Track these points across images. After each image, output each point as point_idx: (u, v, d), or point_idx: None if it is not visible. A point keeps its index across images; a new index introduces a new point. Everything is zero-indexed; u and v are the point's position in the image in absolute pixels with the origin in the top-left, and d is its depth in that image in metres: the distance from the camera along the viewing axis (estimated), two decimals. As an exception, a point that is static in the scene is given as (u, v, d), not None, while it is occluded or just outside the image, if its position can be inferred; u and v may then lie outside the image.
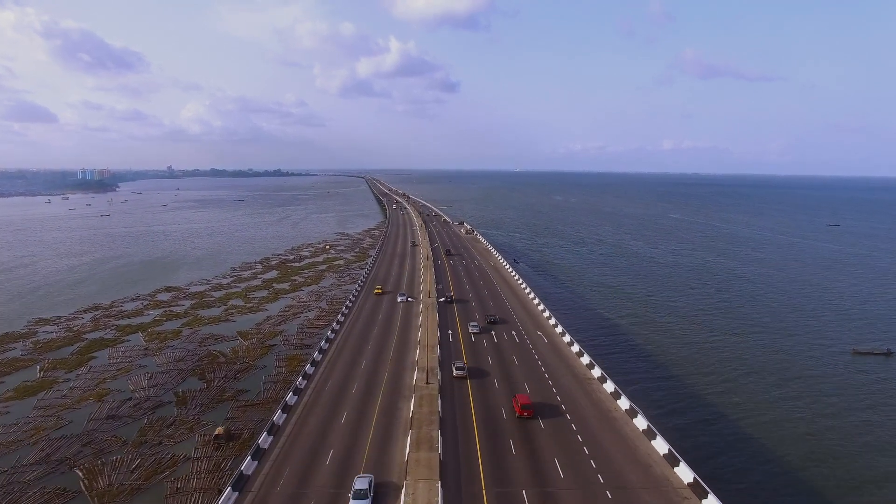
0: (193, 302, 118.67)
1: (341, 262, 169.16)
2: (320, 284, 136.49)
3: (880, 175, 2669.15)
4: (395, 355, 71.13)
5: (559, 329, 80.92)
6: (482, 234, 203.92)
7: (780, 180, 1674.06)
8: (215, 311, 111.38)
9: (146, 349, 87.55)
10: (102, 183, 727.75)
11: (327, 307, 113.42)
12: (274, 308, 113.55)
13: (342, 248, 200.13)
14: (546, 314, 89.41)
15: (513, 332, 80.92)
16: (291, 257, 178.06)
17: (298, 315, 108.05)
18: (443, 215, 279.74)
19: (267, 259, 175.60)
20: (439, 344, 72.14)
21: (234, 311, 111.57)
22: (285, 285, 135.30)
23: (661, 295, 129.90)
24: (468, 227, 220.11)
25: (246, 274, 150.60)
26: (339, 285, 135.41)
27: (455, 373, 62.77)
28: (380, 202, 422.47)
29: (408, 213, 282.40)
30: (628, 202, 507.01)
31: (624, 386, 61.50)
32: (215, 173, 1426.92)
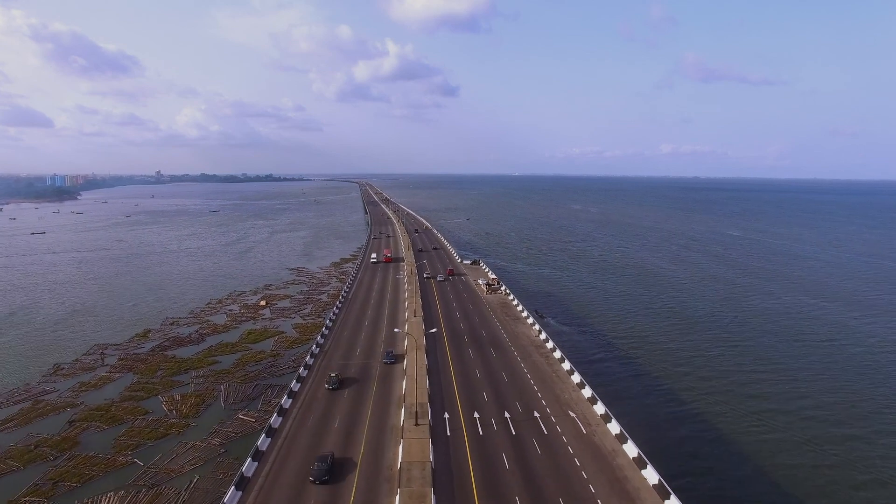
0: None
1: (269, 345, 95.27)
2: (189, 432, 63.08)
3: (877, 179, 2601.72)
4: None
5: None
6: (498, 271, 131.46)
7: (783, 184, 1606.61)
8: None
9: None
10: (61, 190, 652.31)
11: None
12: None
13: (286, 304, 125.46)
14: None
15: None
16: (193, 329, 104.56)
17: None
18: (448, 245, 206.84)
19: (146, 334, 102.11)
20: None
21: None
22: (108, 438, 62.26)
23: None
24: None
25: (64, 389, 77.24)
26: (227, 439, 62.25)
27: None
28: (366, 212, 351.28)
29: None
30: (659, 213, 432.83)
31: None
32: (205, 178, 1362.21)
